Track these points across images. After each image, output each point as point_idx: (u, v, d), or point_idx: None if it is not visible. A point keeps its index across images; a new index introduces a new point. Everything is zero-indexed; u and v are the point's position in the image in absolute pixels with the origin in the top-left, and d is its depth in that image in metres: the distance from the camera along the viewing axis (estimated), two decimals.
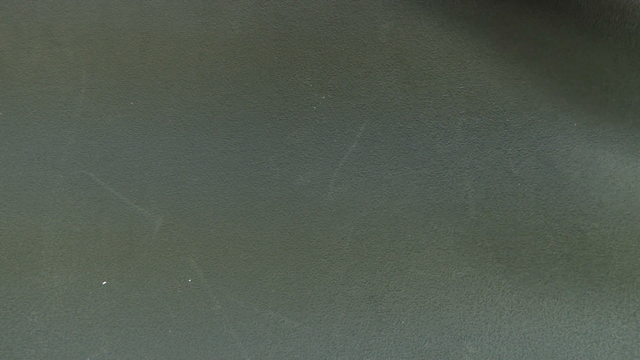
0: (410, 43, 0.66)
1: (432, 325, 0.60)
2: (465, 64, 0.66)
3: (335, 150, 0.64)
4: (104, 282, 0.61)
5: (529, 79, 0.65)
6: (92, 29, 0.66)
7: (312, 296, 0.60)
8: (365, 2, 0.67)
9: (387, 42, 0.66)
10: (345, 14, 0.67)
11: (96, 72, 0.65)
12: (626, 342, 0.59)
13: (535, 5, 0.67)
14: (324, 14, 0.67)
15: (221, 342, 0.59)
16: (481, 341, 0.59)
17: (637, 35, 0.66)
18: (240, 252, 0.61)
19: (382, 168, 0.63)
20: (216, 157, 0.63)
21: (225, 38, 0.66)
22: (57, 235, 0.62)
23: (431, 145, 0.64)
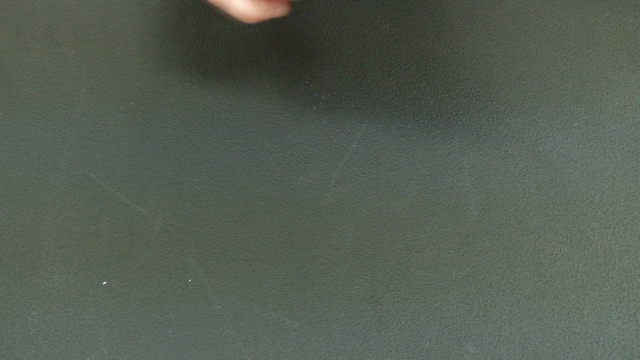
0: (410, 43, 0.66)
1: (432, 325, 0.60)
2: (465, 64, 0.66)
3: (335, 150, 0.64)
4: (104, 282, 0.61)
5: (529, 78, 0.65)
6: (92, 29, 0.66)
7: (312, 296, 0.60)
8: (366, 2, 0.67)
9: (387, 42, 0.66)
10: (346, 14, 0.67)
11: (96, 72, 0.65)
12: (626, 342, 0.59)
13: (536, 5, 0.67)
14: (324, 13, 0.67)
15: (221, 342, 0.59)
16: (481, 341, 0.59)
17: (637, 35, 0.66)
18: (240, 252, 0.61)
19: (382, 168, 0.63)
20: (216, 157, 0.63)
21: (225, 38, 0.66)
22: (57, 235, 0.62)
23: (431, 145, 0.64)
